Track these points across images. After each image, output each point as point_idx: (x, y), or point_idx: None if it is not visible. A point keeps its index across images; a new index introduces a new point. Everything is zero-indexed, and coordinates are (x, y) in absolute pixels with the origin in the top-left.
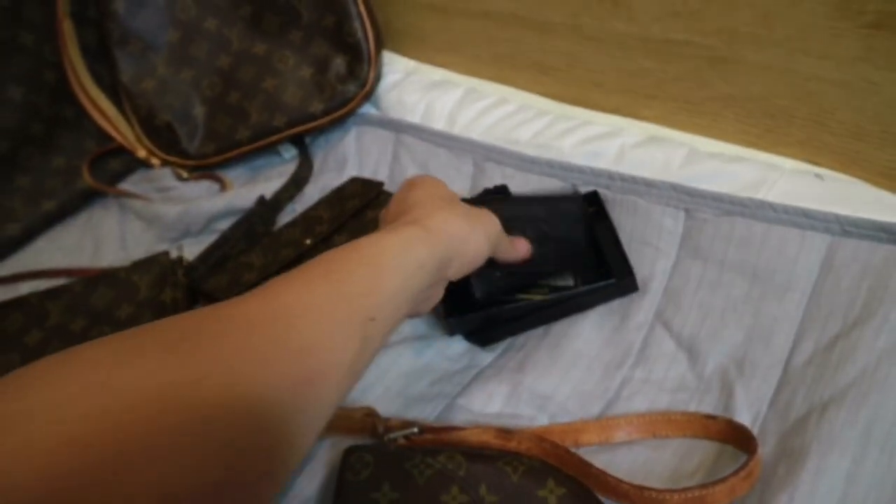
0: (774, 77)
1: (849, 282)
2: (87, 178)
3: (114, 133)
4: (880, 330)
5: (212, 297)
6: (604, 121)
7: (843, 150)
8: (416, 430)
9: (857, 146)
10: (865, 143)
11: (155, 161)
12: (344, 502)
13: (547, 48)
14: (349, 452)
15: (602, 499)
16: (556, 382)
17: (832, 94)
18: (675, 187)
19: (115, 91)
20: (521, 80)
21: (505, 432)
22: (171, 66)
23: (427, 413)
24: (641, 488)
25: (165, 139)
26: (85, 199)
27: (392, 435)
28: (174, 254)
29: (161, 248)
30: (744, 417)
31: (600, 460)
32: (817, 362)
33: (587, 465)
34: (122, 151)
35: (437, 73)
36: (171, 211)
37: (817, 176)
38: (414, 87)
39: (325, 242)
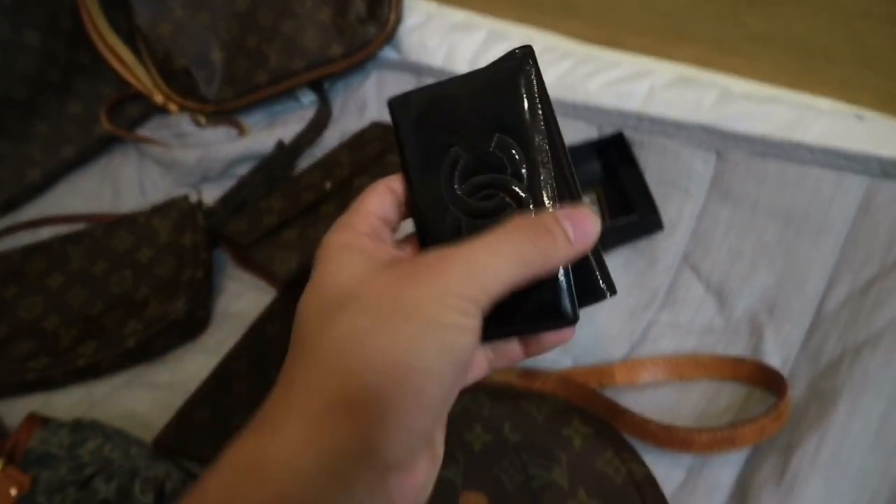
0: (817, 13)
1: (887, 224)
2: (105, 124)
3: (131, 79)
4: None
5: (232, 241)
6: (632, 62)
7: (886, 89)
8: None
9: None
10: None
11: (172, 107)
12: None
13: None
14: None
15: (628, 439)
16: (580, 325)
17: (879, 31)
18: (705, 129)
19: (131, 36)
20: (547, 21)
21: (529, 373)
22: (188, 10)
23: None
24: (669, 428)
25: (183, 84)
26: (103, 146)
27: None
28: (193, 198)
29: (180, 193)
30: (773, 361)
31: (625, 402)
32: (851, 306)
33: (613, 405)
34: (139, 97)
35: (460, 15)
36: (189, 156)
37: (858, 116)
38: (435, 30)
39: (346, 186)
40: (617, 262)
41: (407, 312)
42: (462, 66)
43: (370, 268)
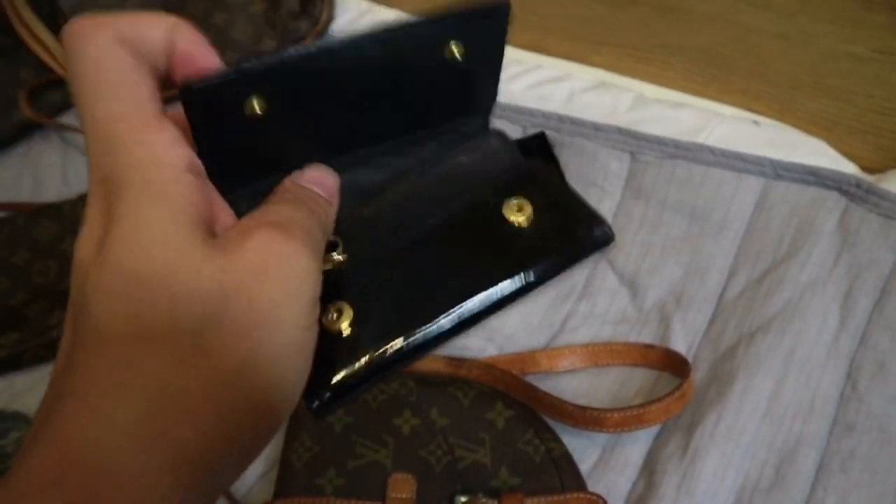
0: (719, 28)
1: (779, 221)
2: (25, 110)
3: (53, 64)
4: (805, 264)
5: None
6: (554, 65)
7: (779, 98)
8: None
9: (792, 95)
10: (800, 93)
11: None
12: (298, 428)
13: None
14: None
15: (547, 420)
16: (504, 315)
17: (771, 46)
18: (621, 131)
19: (54, 19)
20: None
21: (455, 361)
22: None
23: None
24: (584, 408)
25: None
26: (23, 132)
27: None
28: None
29: None
30: (679, 347)
31: (546, 387)
32: (748, 295)
33: (533, 389)
34: (62, 83)
35: (391, 14)
36: None
37: (754, 122)
38: (366, 27)
39: None
40: None
41: (266, 320)
42: None
43: (191, 239)
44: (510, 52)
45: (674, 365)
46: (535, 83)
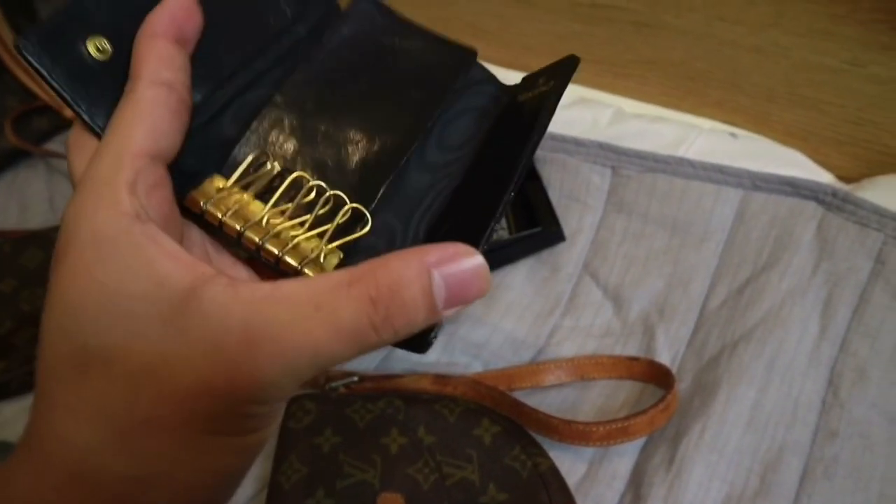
0: (693, 42)
1: (758, 232)
2: (10, 137)
3: (38, 90)
4: (784, 273)
5: None
6: None
7: (755, 110)
8: (356, 378)
9: (768, 107)
10: (775, 105)
11: None
12: (287, 449)
13: (479, 10)
14: (291, 402)
15: (534, 435)
16: (489, 331)
17: (746, 59)
18: (602, 146)
19: None
20: None
21: (441, 378)
22: None
23: (366, 363)
24: (569, 422)
25: None
26: (9, 160)
27: (333, 384)
28: None
29: None
30: (664, 358)
31: (532, 402)
32: (730, 305)
33: (519, 405)
34: (47, 110)
35: None
36: None
37: (732, 135)
38: None
39: None
40: (522, 272)
41: (202, 430)
42: None
43: (157, 290)
44: (492, 70)
45: (658, 376)
46: None
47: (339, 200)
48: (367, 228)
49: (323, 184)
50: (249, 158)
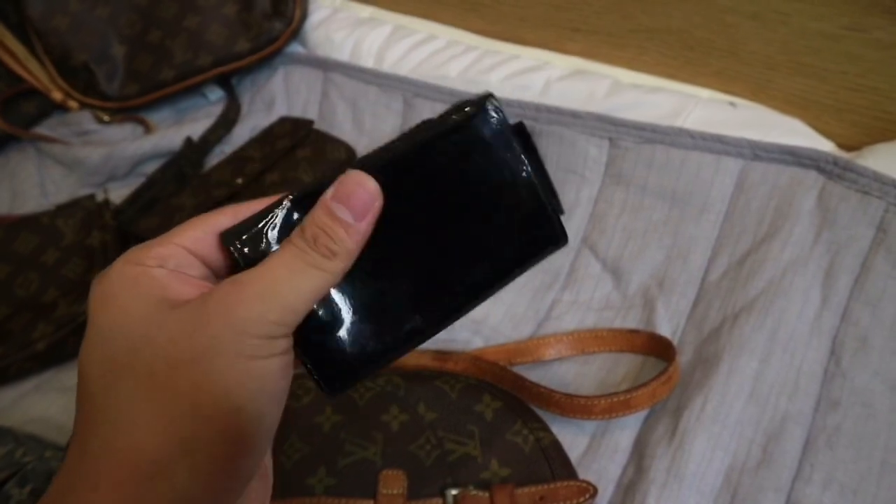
0: (692, 10)
1: (759, 202)
2: None
3: (24, 74)
4: (786, 244)
5: (143, 239)
6: (530, 55)
7: (754, 79)
8: None
9: (768, 75)
10: (775, 72)
11: (72, 104)
12: (287, 428)
13: None
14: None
15: (535, 409)
16: (488, 307)
17: (745, 26)
18: (599, 117)
19: (23, 29)
20: (449, 17)
21: (441, 354)
22: (85, 2)
23: None
24: (571, 396)
25: (83, 80)
26: None
27: None
28: (100, 197)
29: (84, 193)
30: (664, 331)
31: (533, 377)
32: (730, 276)
33: (521, 380)
34: (35, 94)
35: (365, 10)
36: (93, 155)
37: (731, 104)
38: (341, 25)
39: (257, 181)
40: None
41: (207, 353)
42: (369, 59)
43: (160, 307)
44: (486, 43)
45: (659, 349)
46: (511, 73)
47: None
48: None
49: None
50: None
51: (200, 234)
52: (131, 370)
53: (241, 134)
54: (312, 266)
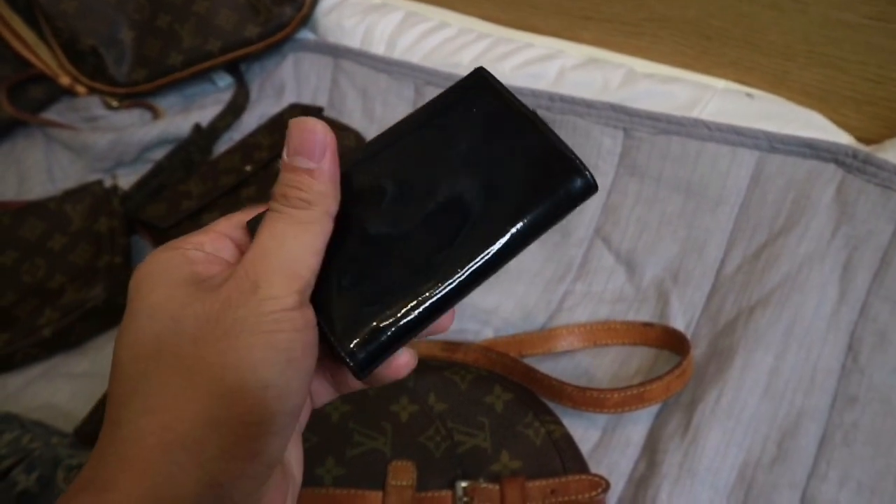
0: None
1: (775, 194)
2: (6, 107)
3: (32, 58)
4: (802, 237)
5: (150, 225)
6: (543, 43)
7: (772, 70)
8: None
9: (786, 66)
10: (793, 63)
11: (80, 89)
12: None
13: None
14: None
15: (546, 401)
16: (500, 298)
17: (764, 15)
18: (613, 107)
19: (31, 13)
20: (461, 4)
21: (452, 345)
22: None
23: None
24: (583, 389)
25: (91, 65)
26: (6, 130)
27: None
28: (108, 182)
29: (92, 178)
30: (678, 324)
31: (544, 368)
32: (745, 269)
33: (532, 371)
34: (43, 78)
35: None
36: (101, 140)
37: (748, 95)
38: (352, 11)
39: (266, 169)
40: None
41: (231, 331)
42: (379, 46)
43: (188, 286)
44: (498, 31)
45: (673, 342)
46: (524, 62)
47: None
48: None
49: None
50: None
51: (235, 223)
52: (158, 352)
53: (250, 121)
54: (294, 223)
